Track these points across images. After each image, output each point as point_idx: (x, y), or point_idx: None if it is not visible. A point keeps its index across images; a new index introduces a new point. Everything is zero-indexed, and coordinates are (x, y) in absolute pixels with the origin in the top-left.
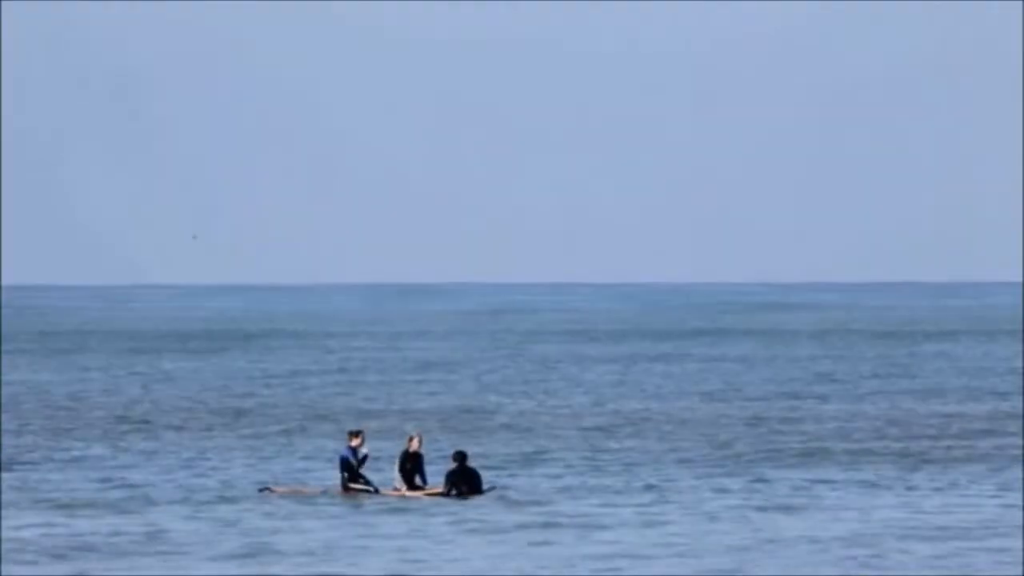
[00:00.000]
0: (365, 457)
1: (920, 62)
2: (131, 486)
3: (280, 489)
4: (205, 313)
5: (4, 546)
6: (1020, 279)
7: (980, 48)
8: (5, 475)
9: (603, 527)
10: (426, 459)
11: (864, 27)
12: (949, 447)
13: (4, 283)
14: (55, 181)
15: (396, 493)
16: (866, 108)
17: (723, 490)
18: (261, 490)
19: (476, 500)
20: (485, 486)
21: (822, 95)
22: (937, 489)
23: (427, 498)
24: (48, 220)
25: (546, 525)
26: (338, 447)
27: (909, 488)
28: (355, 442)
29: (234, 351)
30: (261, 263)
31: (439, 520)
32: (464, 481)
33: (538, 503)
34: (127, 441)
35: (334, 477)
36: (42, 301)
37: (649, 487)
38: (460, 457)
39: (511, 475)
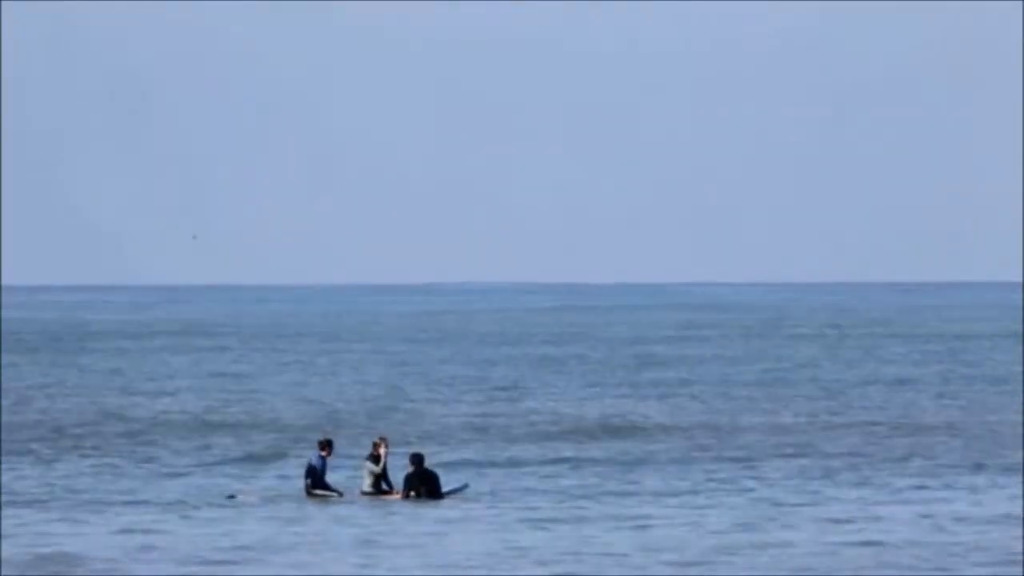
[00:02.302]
0: (324, 467)
1: (920, 62)
2: (75, 491)
3: (249, 496)
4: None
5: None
6: (1020, 279)
7: (980, 48)
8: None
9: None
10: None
11: (864, 27)
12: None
13: (4, 283)
14: (55, 181)
15: (364, 496)
16: (866, 108)
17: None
18: (229, 497)
19: (439, 503)
20: (447, 488)
21: (822, 95)
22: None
23: (392, 500)
24: (48, 220)
25: (518, 523)
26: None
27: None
28: (324, 452)
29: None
30: (261, 263)
31: (400, 519)
32: (422, 483)
33: (507, 502)
34: (73, 448)
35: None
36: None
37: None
38: (417, 460)
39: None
